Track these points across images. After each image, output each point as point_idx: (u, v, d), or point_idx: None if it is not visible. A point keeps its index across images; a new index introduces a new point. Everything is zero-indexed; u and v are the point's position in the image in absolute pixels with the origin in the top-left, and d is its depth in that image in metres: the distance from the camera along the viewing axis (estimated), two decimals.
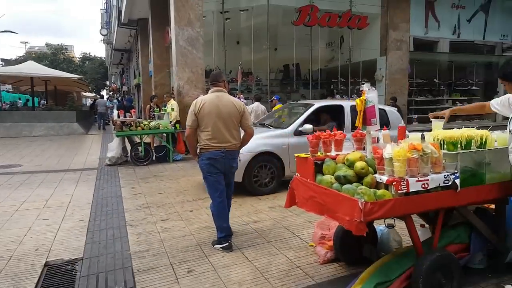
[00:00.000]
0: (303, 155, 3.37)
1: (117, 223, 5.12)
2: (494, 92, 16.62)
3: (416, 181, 2.73)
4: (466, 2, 14.89)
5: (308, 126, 6.27)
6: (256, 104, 9.48)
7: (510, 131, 2.91)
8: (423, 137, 3.27)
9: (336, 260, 3.70)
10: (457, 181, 2.85)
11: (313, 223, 4.76)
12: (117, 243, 4.42)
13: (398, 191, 2.70)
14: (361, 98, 3.20)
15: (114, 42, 26.74)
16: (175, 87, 11.42)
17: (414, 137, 3.40)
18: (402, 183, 2.69)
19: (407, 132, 3.42)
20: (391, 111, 7.51)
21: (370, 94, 3.17)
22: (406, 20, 13.83)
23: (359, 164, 2.89)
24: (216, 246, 4.10)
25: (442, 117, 3.46)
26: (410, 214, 2.85)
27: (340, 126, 6.60)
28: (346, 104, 6.99)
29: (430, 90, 15.40)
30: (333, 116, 6.95)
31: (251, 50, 12.76)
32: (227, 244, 4.05)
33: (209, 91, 4.13)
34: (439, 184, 2.82)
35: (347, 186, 2.83)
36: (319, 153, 3.31)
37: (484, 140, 3.02)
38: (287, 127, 6.63)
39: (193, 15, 10.83)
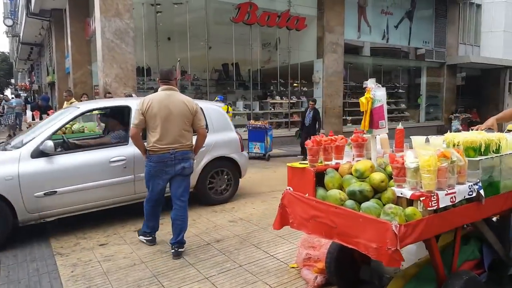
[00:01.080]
0: (297, 164, 2.77)
1: (40, 253, 4.04)
2: (417, 95, 17.76)
3: (445, 194, 2.29)
4: (393, 8, 15.61)
5: (49, 143, 4.19)
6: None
7: None
8: (427, 141, 2.89)
9: (327, 285, 3.16)
10: (482, 192, 2.47)
11: (286, 239, 4.20)
12: (44, 281, 3.41)
13: (428, 208, 2.23)
14: (366, 96, 2.68)
15: (21, 34, 23.61)
16: (100, 84, 10.11)
17: (418, 141, 3.00)
18: (432, 198, 2.22)
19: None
20: (214, 109, 5.77)
21: (378, 92, 2.67)
22: (341, 23, 14.02)
23: (378, 176, 2.36)
24: (140, 237, 4.23)
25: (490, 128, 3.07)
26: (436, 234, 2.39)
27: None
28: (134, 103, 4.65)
29: (363, 93, 15.83)
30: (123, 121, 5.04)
31: (187, 47, 11.86)
32: (151, 238, 4.16)
33: (159, 89, 3.91)
34: (464, 197, 2.41)
35: (367, 204, 2.29)
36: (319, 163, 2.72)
37: (499, 144, 2.69)
38: (21, 146, 4.30)
39: (122, 5, 9.65)
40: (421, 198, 2.23)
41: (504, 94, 19.52)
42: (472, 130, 2.99)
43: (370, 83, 2.71)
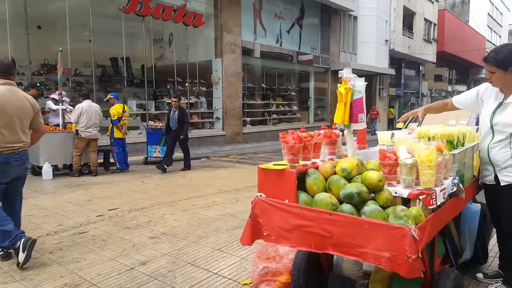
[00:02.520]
0: (271, 166, 2.31)
1: None
2: (306, 98, 18.79)
3: (440, 190, 2.11)
4: (285, 14, 16.21)
5: None
6: (87, 103, 7.46)
7: (492, 125, 2.63)
8: (393, 136, 2.75)
9: None
10: (461, 185, 2.38)
11: (226, 251, 3.69)
12: None
13: (429, 207, 2.01)
14: (345, 86, 2.36)
15: None
16: None
17: (383, 137, 2.84)
18: (432, 196, 2.02)
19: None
20: None
21: (358, 83, 2.37)
22: (238, 24, 13.94)
23: (375, 175, 2.05)
24: None
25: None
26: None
27: None
28: None
29: (259, 94, 16.09)
30: None
31: (66, 37, 10.24)
32: (3, 253, 3.55)
33: None
34: (449, 192, 2.28)
35: (371, 208, 1.96)
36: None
37: (464, 137, 2.67)
38: None
39: None
40: (421, 197, 2.00)
41: (376, 98, 22.07)
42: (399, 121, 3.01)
43: (347, 73, 2.40)
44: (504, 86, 2.58)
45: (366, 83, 2.43)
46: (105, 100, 8.45)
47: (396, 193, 2.09)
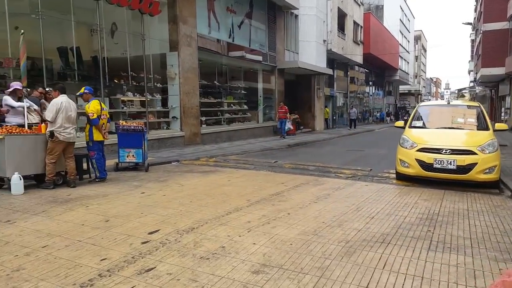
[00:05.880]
0: None
1: None
2: (255, 96, 18.23)
3: None
4: (237, 7, 15.45)
5: None
6: (65, 98, 5.89)
7: None
8: None
9: None
10: None
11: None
12: None
13: None
14: None
15: None
16: None
17: None
18: None
19: None
20: None
21: None
22: (193, 15, 12.81)
23: None
24: None
25: None
26: None
27: None
28: None
29: (212, 92, 15.07)
30: None
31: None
32: None
33: None
34: None
35: None
36: None
37: None
38: None
39: None
40: None
41: (315, 98, 22.49)
42: None
43: None
44: None
45: None
46: (77, 94, 6.84)
47: None
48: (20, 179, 5.37)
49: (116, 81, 11.22)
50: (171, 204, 5.05)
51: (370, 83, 35.06)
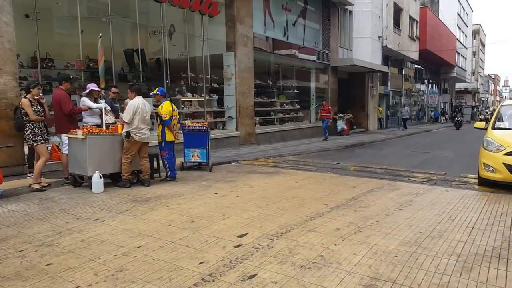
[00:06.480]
0: None
1: None
2: (307, 95, 17.90)
3: None
4: (291, 5, 15.22)
5: None
6: (141, 100, 6.01)
7: None
8: None
9: None
10: None
11: None
12: None
13: None
14: None
15: None
16: None
17: None
18: None
19: None
20: None
21: None
22: (249, 14, 12.76)
23: None
24: None
25: None
26: None
27: None
28: None
29: (265, 92, 14.95)
30: None
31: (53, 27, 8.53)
32: None
33: None
34: None
35: None
36: None
37: None
38: None
39: None
40: None
41: (368, 96, 21.74)
42: None
43: None
44: None
45: None
46: (150, 94, 6.98)
47: None
48: (100, 178, 5.53)
49: (176, 82, 11.41)
50: (248, 206, 4.95)
51: (425, 80, 33.46)
